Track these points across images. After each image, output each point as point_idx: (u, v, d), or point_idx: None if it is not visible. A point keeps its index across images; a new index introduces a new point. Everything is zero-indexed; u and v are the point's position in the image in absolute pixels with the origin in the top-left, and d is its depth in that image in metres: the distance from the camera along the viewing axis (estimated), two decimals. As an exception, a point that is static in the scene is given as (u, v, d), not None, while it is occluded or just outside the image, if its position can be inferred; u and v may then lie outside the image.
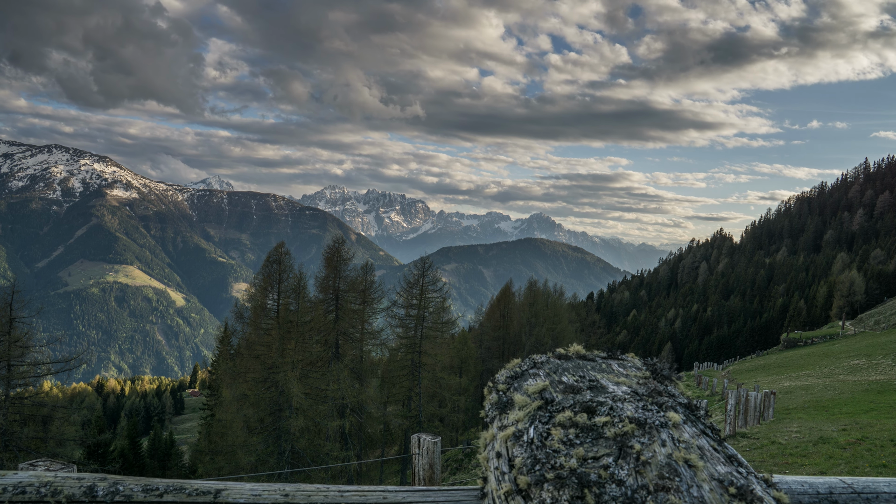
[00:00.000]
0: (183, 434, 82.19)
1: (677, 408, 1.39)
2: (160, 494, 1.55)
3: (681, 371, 79.05)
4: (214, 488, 1.56)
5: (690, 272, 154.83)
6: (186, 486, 1.55)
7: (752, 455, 13.47)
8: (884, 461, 11.56)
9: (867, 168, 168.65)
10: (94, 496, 1.58)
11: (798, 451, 13.23)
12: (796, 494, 1.45)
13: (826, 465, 11.45)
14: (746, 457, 13.30)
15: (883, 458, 11.88)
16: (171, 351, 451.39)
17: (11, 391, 24.22)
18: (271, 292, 39.77)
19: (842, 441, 13.93)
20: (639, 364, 1.68)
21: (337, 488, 1.55)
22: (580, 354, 1.69)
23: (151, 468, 48.64)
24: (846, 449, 13.02)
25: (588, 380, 1.49)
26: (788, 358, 60.47)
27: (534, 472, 1.27)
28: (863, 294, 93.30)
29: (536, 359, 1.68)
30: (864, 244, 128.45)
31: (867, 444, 13.45)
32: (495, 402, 1.56)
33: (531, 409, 1.39)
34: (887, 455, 12.11)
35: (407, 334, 44.98)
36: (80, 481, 1.59)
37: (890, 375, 34.21)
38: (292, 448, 32.14)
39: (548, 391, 1.47)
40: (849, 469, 11.20)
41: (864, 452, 12.50)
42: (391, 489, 1.53)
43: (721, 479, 1.26)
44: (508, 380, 1.60)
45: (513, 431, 1.35)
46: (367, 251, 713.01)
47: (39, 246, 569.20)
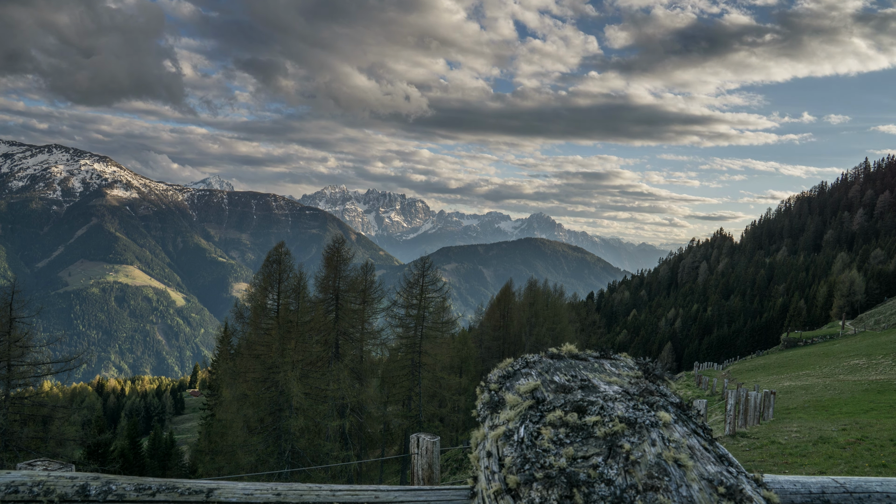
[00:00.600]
0: (183, 434, 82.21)
1: (668, 407, 1.39)
2: (153, 493, 1.55)
3: (681, 371, 79.03)
4: (207, 487, 1.56)
5: (691, 272, 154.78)
6: (179, 485, 1.55)
7: (751, 455, 13.46)
8: (883, 461, 11.55)
9: (867, 168, 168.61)
10: (86, 495, 1.58)
11: (798, 450, 13.23)
12: (788, 494, 1.44)
13: (826, 465, 11.44)
14: (746, 456, 13.30)
15: (883, 457, 11.87)
16: (171, 351, 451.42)
17: (11, 391, 24.24)
18: (271, 292, 39.74)
19: (841, 441, 13.93)
20: (631, 364, 1.67)
21: (329, 487, 1.54)
22: (573, 354, 1.68)
23: (151, 468, 48.65)
24: (846, 449, 13.02)
25: (580, 379, 1.48)
26: (788, 358, 60.47)
27: (523, 471, 1.27)
28: (863, 294, 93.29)
29: (529, 358, 1.67)
30: (864, 244, 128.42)
31: (867, 443, 13.45)
32: (487, 401, 1.56)
33: (522, 409, 1.38)
34: (887, 455, 12.11)
35: (407, 334, 44.96)
36: (72, 480, 1.59)
37: (890, 375, 34.21)
38: (292, 448, 32.14)
39: (539, 391, 1.47)
40: (848, 469, 11.20)
41: (863, 452, 12.50)
42: (383, 489, 1.53)
43: (711, 478, 1.26)
44: (501, 379, 1.60)
45: (503, 431, 1.35)
46: (367, 251, 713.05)
47: (39, 246, 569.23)
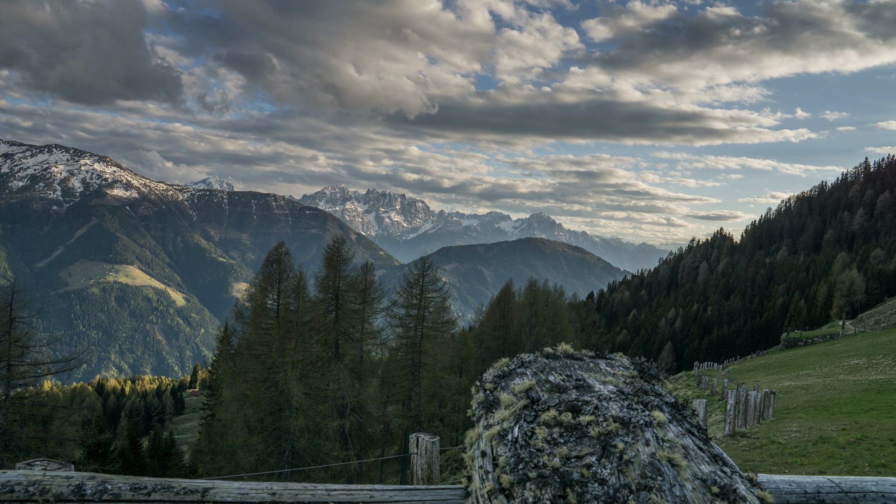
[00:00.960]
0: (183, 434, 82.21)
1: (663, 407, 1.39)
2: (148, 493, 1.55)
3: (681, 371, 79.05)
4: (202, 487, 1.56)
5: (691, 272, 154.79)
6: (174, 484, 1.56)
7: (751, 455, 13.46)
8: (883, 460, 11.56)
9: (867, 167, 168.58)
10: (82, 495, 1.58)
11: (798, 450, 13.23)
12: (784, 494, 1.44)
13: (825, 465, 11.44)
14: (746, 456, 13.29)
15: (882, 457, 11.87)
16: (171, 351, 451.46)
17: (11, 391, 24.23)
18: (271, 292, 39.73)
19: (841, 441, 13.93)
20: (626, 363, 1.67)
21: (325, 487, 1.54)
22: (568, 354, 1.68)
23: (152, 468, 48.66)
24: (846, 448, 13.02)
25: (575, 379, 1.48)
26: (789, 357, 60.48)
27: (517, 470, 1.27)
28: (863, 293, 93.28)
29: (524, 358, 1.67)
30: (864, 244, 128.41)
31: (867, 443, 13.45)
32: (482, 400, 1.56)
33: (517, 408, 1.38)
34: (887, 454, 12.11)
35: (407, 334, 44.96)
36: (68, 480, 1.59)
37: (890, 375, 34.21)
38: (292, 448, 32.15)
39: (534, 390, 1.46)
40: (848, 469, 11.20)
41: (863, 452, 12.50)
42: (378, 488, 1.53)
43: (704, 478, 1.26)
44: (496, 379, 1.60)
45: (497, 430, 1.35)
46: (367, 251, 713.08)
47: (40, 246, 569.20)
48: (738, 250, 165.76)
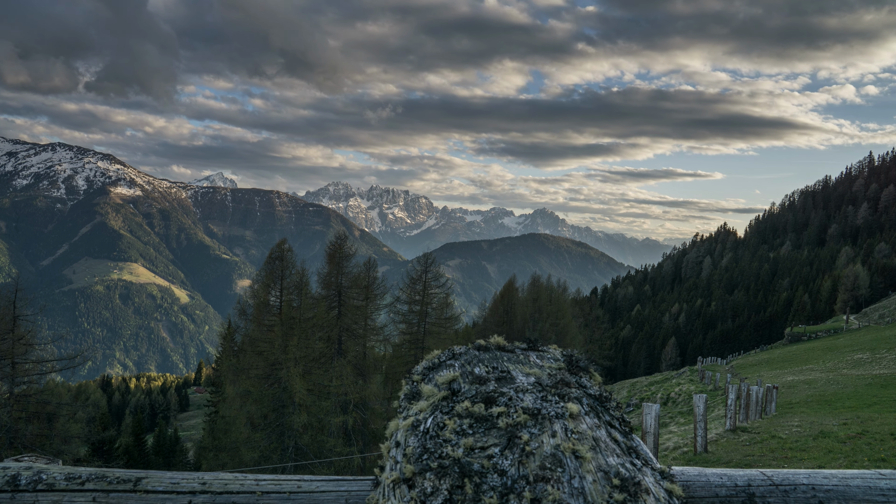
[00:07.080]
0: (188, 431, 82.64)
1: (582, 399, 1.39)
2: (82, 483, 1.57)
3: (685, 366, 78.95)
4: (135, 476, 1.59)
5: (694, 266, 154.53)
6: (108, 474, 1.58)
7: (751, 449, 13.45)
8: (883, 455, 11.54)
9: (871, 161, 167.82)
10: (16, 485, 1.60)
11: (798, 445, 13.22)
12: (714, 487, 1.44)
13: (825, 460, 11.43)
14: (745, 451, 13.28)
15: (882, 451, 11.86)
16: (175, 348, 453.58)
17: (16, 389, 24.37)
18: (274, 289, 39.81)
19: (842, 435, 13.91)
20: (558, 356, 1.67)
21: (254, 477, 1.57)
22: (500, 345, 1.68)
23: (156, 464, 48.97)
24: (846, 443, 13.01)
25: (499, 370, 1.48)
26: (792, 352, 60.38)
27: (420, 461, 1.28)
28: (867, 288, 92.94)
29: (456, 349, 1.67)
30: (868, 238, 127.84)
31: (867, 438, 13.44)
32: (407, 392, 1.56)
33: (435, 400, 1.39)
34: (887, 449, 12.10)
35: (410, 330, 45.01)
36: (4, 471, 1.62)
37: (894, 369, 34.13)
38: (295, 444, 32.27)
39: (457, 382, 1.47)
40: (847, 463, 11.19)
41: (863, 446, 12.48)
42: (307, 478, 1.55)
43: (607, 470, 1.26)
44: (425, 371, 1.61)
45: (412, 421, 1.36)
46: (370, 247, 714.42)
47: (44, 244, 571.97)
48: (742, 245, 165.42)
